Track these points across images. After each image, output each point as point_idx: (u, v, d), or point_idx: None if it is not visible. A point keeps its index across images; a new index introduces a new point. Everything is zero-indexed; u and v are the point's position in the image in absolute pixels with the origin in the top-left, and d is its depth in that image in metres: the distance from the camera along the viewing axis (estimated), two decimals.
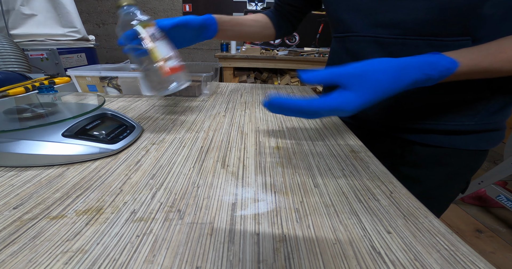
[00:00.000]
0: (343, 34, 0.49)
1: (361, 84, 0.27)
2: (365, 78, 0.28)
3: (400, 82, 0.29)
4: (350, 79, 0.28)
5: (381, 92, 0.28)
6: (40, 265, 0.19)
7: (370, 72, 0.28)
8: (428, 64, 0.29)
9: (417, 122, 0.47)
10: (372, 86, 0.28)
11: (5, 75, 0.61)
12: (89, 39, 1.62)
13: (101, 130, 0.37)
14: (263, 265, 0.20)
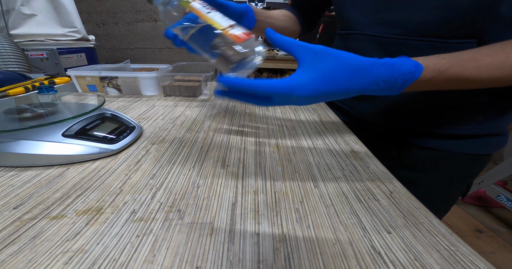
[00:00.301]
0: (345, 31, 0.48)
1: (318, 67, 0.25)
2: (324, 60, 0.25)
3: (360, 80, 0.26)
4: (308, 55, 0.26)
5: (337, 85, 0.26)
6: (40, 265, 0.19)
7: (332, 57, 0.26)
8: (391, 66, 0.27)
9: (415, 125, 0.46)
10: (330, 74, 0.25)
11: (5, 75, 0.61)
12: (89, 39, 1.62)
13: (101, 130, 0.37)
14: (263, 265, 0.20)
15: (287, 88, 0.25)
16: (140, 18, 2.43)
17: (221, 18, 0.32)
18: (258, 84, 0.25)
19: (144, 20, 2.43)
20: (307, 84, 0.25)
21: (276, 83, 0.25)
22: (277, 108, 0.59)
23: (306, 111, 0.57)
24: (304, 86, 0.25)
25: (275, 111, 0.57)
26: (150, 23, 2.44)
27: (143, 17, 2.42)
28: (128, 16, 2.42)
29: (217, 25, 0.31)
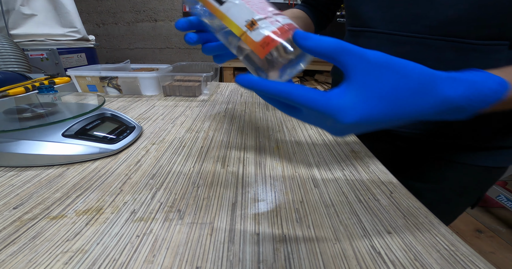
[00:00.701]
0: (357, 28, 0.44)
1: (374, 84, 0.18)
2: (383, 74, 0.18)
3: (425, 97, 0.19)
4: (360, 66, 0.18)
5: (397, 110, 0.18)
6: (40, 265, 0.19)
7: (394, 71, 0.18)
8: (472, 84, 0.20)
9: (423, 134, 0.43)
10: (389, 95, 0.18)
11: (5, 75, 0.61)
12: (89, 39, 1.62)
13: (101, 130, 0.37)
14: (263, 265, 0.20)
15: (326, 106, 0.18)
16: (140, 18, 2.43)
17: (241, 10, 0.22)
18: (288, 90, 0.19)
19: (144, 20, 2.43)
20: (355, 107, 0.18)
21: (313, 95, 0.18)
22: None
23: None
24: (349, 109, 0.18)
25: (275, 111, 0.57)
26: (150, 23, 2.44)
27: (143, 17, 2.42)
28: (128, 16, 2.42)
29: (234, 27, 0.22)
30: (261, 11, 0.22)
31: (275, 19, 0.21)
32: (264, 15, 0.22)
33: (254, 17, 0.22)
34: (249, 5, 0.22)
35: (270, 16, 0.22)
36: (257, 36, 0.21)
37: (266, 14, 0.22)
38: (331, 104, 0.18)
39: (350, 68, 0.18)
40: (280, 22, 0.21)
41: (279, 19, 0.22)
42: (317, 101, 0.18)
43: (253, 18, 0.21)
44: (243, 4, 0.22)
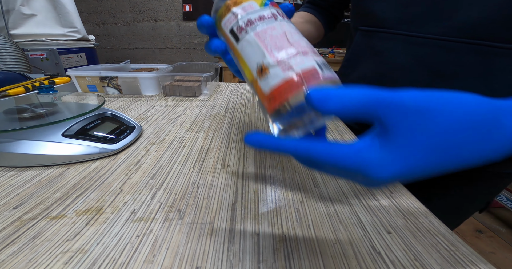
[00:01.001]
0: (370, 28, 0.42)
1: (415, 134, 0.14)
2: (425, 116, 0.14)
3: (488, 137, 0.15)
4: (397, 114, 0.14)
5: (447, 152, 0.14)
6: (40, 265, 0.19)
7: (437, 108, 0.14)
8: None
9: None
10: (434, 137, 0.14)
11: (5, 75, 0.61)
12: (89, 39, 1.62)
13: (101, 130, 0.37)
14: (263, 265, 0.20)
15: (356, 162, 0.15)
16: (140, 18, 2.43)
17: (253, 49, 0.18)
18: (306, 149, 0.16)
19: (144, 20, 2.43)
20: (393, 162, 0.14)
21: (338, 151, 0.15)
22: None
23: None
24: (387, 164, 0.14)
25: None
26: (150, 23, 2.44)
27: (143, 17, 2.42)
28: (128, 16, 2.43)
29: (247, 71, 0.19)
30: (276, 51, 0.18)
31: (291, 63, 0.17)
32: (277, 57, 0.17)
33: (264, 60, 0.18)
34: (264, 42, 0.18)
35: (285, 58, 0.17)
36: (266, 87, 0.17)
37: (280, 56, 0.17)
38: (363, 160, 0.15)
39: (384, 119, 0.15)
40: (297, 66, 0.17)
41: (297, 61, 0.17)
42: (345, 158, 0.15)
43: (263, 62, 0.18)
44: (255, 42, 0.18)
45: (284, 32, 0.19)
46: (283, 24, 0.19)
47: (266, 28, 0.19)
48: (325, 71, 0.17)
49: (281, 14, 0.20)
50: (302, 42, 0.19)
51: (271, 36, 0.18)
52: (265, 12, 0.19)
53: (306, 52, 0.18)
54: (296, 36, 0.19)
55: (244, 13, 0.20)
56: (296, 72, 0.17)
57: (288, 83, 0.17)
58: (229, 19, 0.20)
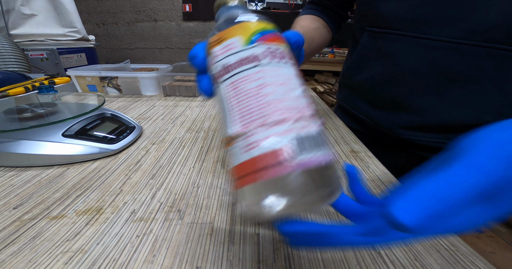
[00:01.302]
0: (378, 29, 0.40)
1: None
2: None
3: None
4: None
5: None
6: (40, 265, 0.19)
7: None
8: None
9: (442, 141, 0.40)
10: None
11: (5, 75, 0.61)
12: (89, 39, 1.62)
13: (101, 130, 0.37)
14: (263, 265, 0.20)
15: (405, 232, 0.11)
16: (140, 18, 2.43)
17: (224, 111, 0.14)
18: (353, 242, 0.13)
19: (144, 20, 2.43)
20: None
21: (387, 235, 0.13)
22: None
23: None
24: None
25: None
26: (150, 23, 2.44)
27: (143, 17, 2.42)
28: (128, 16, 2.43)
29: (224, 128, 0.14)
30: (245, 120, 0.13)
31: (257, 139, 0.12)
32: (244, 128, 0.13)
33: (229, 130, 0.14)
34: (232, 101, 0.14)
35: (252, 132, 0.12)
36: (231, 161, 0.14)
37: (247, 128, 0.13)
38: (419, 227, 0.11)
39: None
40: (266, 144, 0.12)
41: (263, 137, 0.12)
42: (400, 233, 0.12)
43: (228, 130, 0.14)
44: (225, 100, 0.14)
45: (264, 85, 0.13)
46: (270, 71, 0.14)
47: (240, 79, 0.14)
48: (308, 152, 0.12)
49: (275, 54, 0.14)
50: (288, 101, 0.13)
51: (244, 92, 0.13)
52: (247, 53, 0.14)
53: (287, 120, 0.12)
54: (281, 89, 0.13)
55: (221, 55, 0.15)
56: (260, 153, 0.12)
57: (248, 166, 0.12)
58: (210, 59, 0.16)
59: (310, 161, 0.12)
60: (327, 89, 1.94)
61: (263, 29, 0.15)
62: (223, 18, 0.18)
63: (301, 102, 0.13)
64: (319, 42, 0.48)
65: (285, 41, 0.17)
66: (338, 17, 0.52)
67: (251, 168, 0.12)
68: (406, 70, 0.38)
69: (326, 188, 0.12)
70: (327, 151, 0.13)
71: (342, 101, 0.55)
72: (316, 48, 0.49)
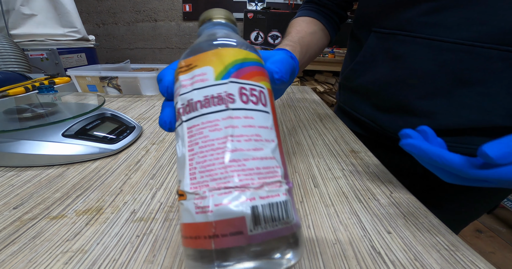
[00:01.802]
0: (387, 30, 0.39)
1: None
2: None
3: None
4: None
5: None
6: (40, 265, 0.19)
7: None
8: None
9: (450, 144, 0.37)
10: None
11: (5, 75, 0.61)
12: (89, 39, 1.62)
13: (101, 130, 0.37)
14: None
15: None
16: (140, 18, 2.43)
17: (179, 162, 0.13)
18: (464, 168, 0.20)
19: (144, 20, 2.43)
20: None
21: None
22: (276, 108, 0.59)
23: (306, 111, 0.57)
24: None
25: None
26: (150, 23, 2.44)
27: (143, 17, 2.42)
28: (128, 16, 2.43)
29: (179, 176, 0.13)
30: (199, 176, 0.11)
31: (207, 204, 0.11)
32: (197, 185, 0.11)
33: (181, 184, 0.12)
34: (191, 151, 0.12)
35: (204, 194, 0.11)
36: (180, 216, 0.13)
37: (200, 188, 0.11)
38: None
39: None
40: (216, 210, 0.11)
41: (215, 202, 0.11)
42: None
43: (179, 185, 0.12)
44: (183, 144, 0.12)
45: (230, 137, 0.11)
46: (241, 120, 0.12)
47: (204, 123, 0.12)
48: (263, 226, 0.11)
49: (248, 96, 0.12)
50: (255, 162, 0.11)
51: (207, 141, 0.12)
52: (217, 90, 0.12)
53: (246, 186, 0.11)
54: (248, 146, 0.12)
55: (189, 87, 0.13)
56: (210, 220, 0.11)
57: (195, 229, 0.11)
58: (176, 89, 0.14)
59: (265, 234, 0.11)
60: (327, 89, 1.94)
61: (243, 60, 0.13)
62: (203, 36, 0.16)
63: (269, 163, 0.12)
64: (315, 49, 0.46)
65: (266, 77, 0.14)
66: (337, 18, 0.50)
67: (199, 232, 0.11)
68: (416, 72, 0.37)
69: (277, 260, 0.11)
70: (289, 222, 0.12)
71: (343, 103, 0.54)
72: (312, 56, 0.46)
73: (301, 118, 0.52)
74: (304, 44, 0.41)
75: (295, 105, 0.62)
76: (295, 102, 0.64)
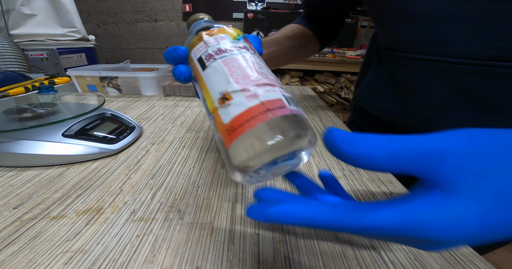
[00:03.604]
0: (389, 51, 0.33)
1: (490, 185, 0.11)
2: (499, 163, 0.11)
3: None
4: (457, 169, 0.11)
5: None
6: (40, 265, 0.19)
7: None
8: None
9: None
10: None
11: (5, 75, 0.61)
12: (89, 39, 1.62)
13: (101, 130, 0.37)
14: (263, 265, 0.20)
15: (413, 228, 0.12)
16: (140, 18, 2.43)
17: (219, 77, 0.17)
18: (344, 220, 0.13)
19: (144, 20, 2.43)
20: (463, 220, 0.11)
21: (385, 218, 0.12)
22: None
23: (305, 111, 0.57)
24: (454, 224, 0.11)
25: None
26: (150, 23, 2.44)
27: (143, 17, 2.42)
28: (128, 16, 2.43)
29: (209, 101, 0.17)
30: (242, 79, 0.16)
31: (257, 92, 0.15)
32: (243, 85, 0.16)
33: (227, 88, 0.16)
34: (231, 69, 0.17)
35: (251, 86, 0.16)
36: (226, 116, 0.15)
37: (246, 84, 0.16)
38: (423, 223, 0.11)
39: (435, 172, 0.12)
40: (263, 95, 0.15)
41: (264, 91, 0.15)
42: (397, 223, 0.12)
43: (227, 90, 0.16)
44: (222, 68, 0.17)
45: (253, 63, 0.18)
46: (254, 57, 0.19)
47: (235, 57, 0.18)
48: (293, 105, 0.16)
49: (252, 49, 0.20)
50: (271, 75, 0.18)
51: (239, 65, 0.17)
52: (237, 44, 0.20)
53: (274, 85, 0.16)
54: (265, 69, 0.18)
55: (215, 43, 0.19)
56: (261, 101, 0.15)
57: (252, 111, 0.14)
58: (199, 48, 0.20)
59: (298, 112, 0.16)
60: (327, 89, 1.94)
61: (241, 34, 0.22)
62: (199, 27, 0.23)
63: (278, 80, 0.18)
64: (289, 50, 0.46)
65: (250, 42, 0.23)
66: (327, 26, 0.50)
67: (255, 112, 0.14)
68: (429, 103, 0.32)
69: (310, 132, 0.15)
70: (299, 110, 0.17)
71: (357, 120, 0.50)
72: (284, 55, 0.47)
73: None
74: (272, 42, 0.44)
75: None
76: None
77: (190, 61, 0.21)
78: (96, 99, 0.43)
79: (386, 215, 0.12)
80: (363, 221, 0.12)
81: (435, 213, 0.11)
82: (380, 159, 0.12)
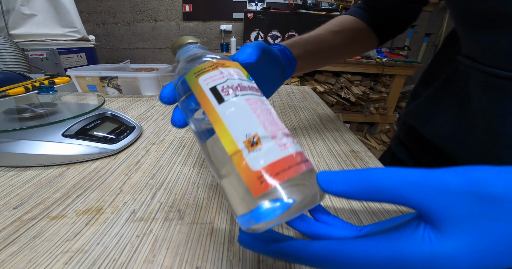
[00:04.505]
0: (472, 62, 0.24)
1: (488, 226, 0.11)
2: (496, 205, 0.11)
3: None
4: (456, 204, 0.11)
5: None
6: (40, 265, 0.19)
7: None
8: None
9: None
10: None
11: (5, 75, 0.61)
12: (89, 39, 1.62)
13: (101, 130, 0.37)
14: (263, 265, 0.20)
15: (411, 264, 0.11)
16: (140, 18, 2.43)
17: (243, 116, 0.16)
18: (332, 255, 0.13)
19: (144, 20, 2.44)
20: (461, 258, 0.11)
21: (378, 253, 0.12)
22: (276, 107, 0.59)
23: (306, 111, 0.57)
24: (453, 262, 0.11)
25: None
26: (150, 23, 2.45)
27: (143, 17, 2.43)
28: (128, 16, 2.43)
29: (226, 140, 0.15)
30: (270, 127, 0.15)
31: (285, 142, 0.15)
32: (273, 132, 0.15)
33: (259, 132, 0.15)
34: (256, 111, 0.16)
35: (280, 136, 0.15)
36: (256, 163, 0.14)
37: (275, 133, 0.15)
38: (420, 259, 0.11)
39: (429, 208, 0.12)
40: (291, 146, 0.15)
41: (290, 141, 0.15)
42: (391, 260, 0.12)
43: (257, 133, 0.15)
44: (247, 108, 0.16)
45: (272, 108, 0.17)
46: (267, 103, 0.18)
47: (257, 99, 0.17)
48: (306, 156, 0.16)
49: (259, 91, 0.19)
50: (281, 123, 0.17)
51: (262, 108, 0.16)
52: (253, 85, 0.18)
53: (289, 135, 0.16)
54: (277, 116, 0.17)
55: (235, 76, 0.18)
56: (293, 152, 0.15)
57: (287, 161, 0.14)
58: (213, 76, 0.17)
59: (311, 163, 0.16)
60: (327, 89, 1.94)
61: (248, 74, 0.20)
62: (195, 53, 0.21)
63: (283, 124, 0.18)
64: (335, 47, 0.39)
65: None
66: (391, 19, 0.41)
67: (290, 163, 0.14)
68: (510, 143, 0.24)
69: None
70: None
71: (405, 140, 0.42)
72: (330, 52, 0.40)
73: (301, 118, 0.52)
74: (310, 41, 0.37)
75: (295, 105, 0.62)
76: (295, 102, 0.64)
77: (195, 86, 0.18)
78: (96, 99, 0.43)
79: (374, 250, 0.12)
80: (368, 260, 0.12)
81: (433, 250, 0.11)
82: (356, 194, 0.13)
